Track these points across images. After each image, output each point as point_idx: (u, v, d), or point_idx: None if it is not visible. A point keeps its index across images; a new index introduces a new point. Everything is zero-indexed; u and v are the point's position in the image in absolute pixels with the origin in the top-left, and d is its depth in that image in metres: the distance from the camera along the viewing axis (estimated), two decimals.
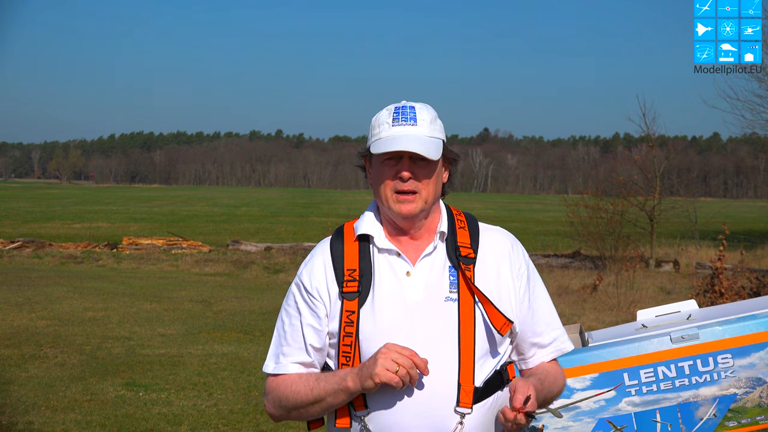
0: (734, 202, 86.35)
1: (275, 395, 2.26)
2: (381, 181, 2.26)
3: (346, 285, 2.23)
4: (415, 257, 2.27)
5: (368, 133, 2.31)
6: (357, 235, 2.29)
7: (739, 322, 3.17)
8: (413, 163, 2.22)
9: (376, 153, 2.23)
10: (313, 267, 2.30)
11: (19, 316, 11.63)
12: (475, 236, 2.31)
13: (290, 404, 2.23)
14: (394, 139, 2.21)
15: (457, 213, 2.36)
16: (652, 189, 21.32)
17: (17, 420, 6.68)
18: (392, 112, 2.26)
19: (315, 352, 2.26)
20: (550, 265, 19.50)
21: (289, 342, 2.28)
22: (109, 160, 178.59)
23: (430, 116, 2.27)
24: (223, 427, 6.70)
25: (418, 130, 2.23)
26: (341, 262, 2.26)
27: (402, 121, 2.24)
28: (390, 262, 2.26)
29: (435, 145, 2.23)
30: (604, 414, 3.22)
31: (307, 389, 2.19)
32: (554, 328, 2.37)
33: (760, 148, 55.33)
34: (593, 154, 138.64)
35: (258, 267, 19.16)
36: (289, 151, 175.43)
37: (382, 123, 2.26)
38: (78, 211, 44.55)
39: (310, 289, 2.27)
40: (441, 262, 2.26)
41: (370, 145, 2.28)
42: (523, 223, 41.74)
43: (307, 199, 75.52)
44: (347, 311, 2.21)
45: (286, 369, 2.26)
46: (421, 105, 2.29)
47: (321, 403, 2.18)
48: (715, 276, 10.98)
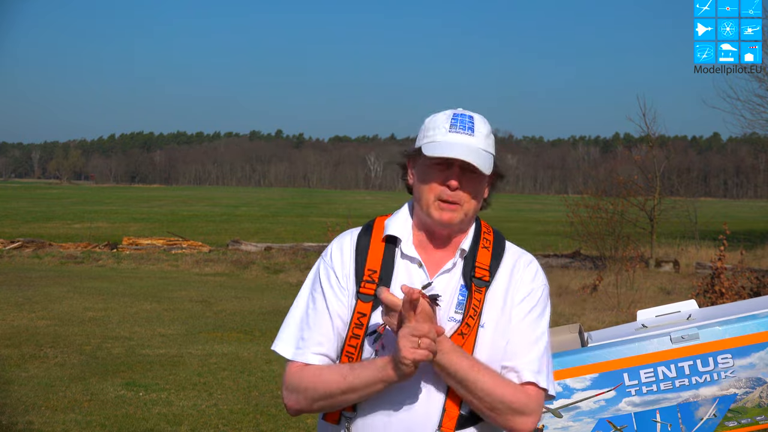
0: (734, 202, 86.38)
1: (298, 385, 2.16)
2: (426, 184, 2.19)
3: (363, 285, 2.17)
4: (434, 271, 2.21)
5: (419, 133, 2.24)
6: (385, 234, 2.24)
7: (739, 322, 3.17)
8: (463, 174, 2.17)
9: (429, 155, 2.16)
10: (343, 255, 2.23)
11: (19, 316, 11.63)
12: (498, 258, 2.24)
13: (318, 395, 2.13)
14: (449, 145, 2.15)
15: (485, 231, 2.28)
16: (652, 189, 21.32)
17: (17, 420, 6.68)
18: (450, 118, 2.20)
19: (337, 343, 2.18)
20: (550, 265, 19.48)
21: (311, 326, 2.20)
22: (109, 160, 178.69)
23: (486, 129, 2.22)
24: (223, 427, 6.69)
25: (475, 141, 2.18)
26: (364, 260, 2.21)
27: (460, 128, 2.18)
28: (410, 271, 2.20)
29: (488, 159, 2.18)
30: (604, 414, 3.22)
31: (339, 377, 2.10)
32: (526, 355, 2.18)
33: (760, 148, 55.28)
34: (593, 154, 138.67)
35: (258, 267, 19.15)
36: (289, 151, 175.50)
37: (438, 126, 2.20)
38: (78, 211, 44.54)
39: (340, 276, 2.21)
40: (456, 280, 2.21)
41: (421, 145, 2.20)
42: (523, 223, 41.74)
43: (307, 199, 75.54)
44: (359, 312, 2.16)
45: (307, 358, 2.17)
46: (479, 117, 2.23)
47: (353, 393, 2.09)
48: (715, 276, 10.98)
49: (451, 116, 2.21)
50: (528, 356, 2.18)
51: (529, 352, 2.18)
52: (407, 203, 2.31)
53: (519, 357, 2.17)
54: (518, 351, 2.18)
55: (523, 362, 2.17)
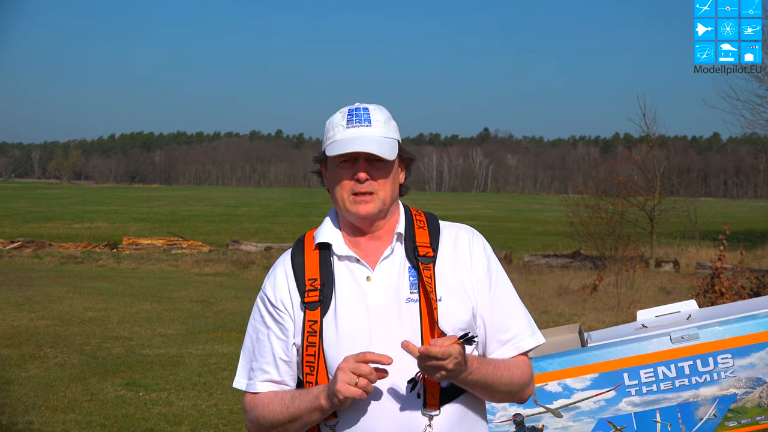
0: (734, 202, 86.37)
1: (252, 414, 2.25)
2: (337, 183, 2.25)
3: (307, 295, 2.22)
4: (374, 261, 2.25)
5: (323, 136, 2.30)
6: (316, 243, 2.28)
7: (739, 322, 3.17)
8: (369, 165, 2.22)
9: (331, 155, 2.22)
10: (276, 279, 2.29)
11: (19, 316, 11.63)
12: (435, 235, 2.29)
13: (267, 423, 2.22)
14: (349, 140, 2.21)
15: (416, 213, 2.34)
16: (652, 189, 21.33)
17: (17, 420, 6.68)
18: (346, 115, 2.25)
19: (285, 366, 2.25)
20: (550, 265, 19.50)
21: (257, 357, 2.28)
22: (109, 160, 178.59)
23: (384, 117, 2.26)
24: (223, 427, 6.70)
25: (373, 131, 2.23)
26: (302, 272, 2.25)
27: (356, 122, 2.23)
28: (350, 269, 2.24)
29: (390, 145, 2.23)
30: (604, 414, 3.22)
31: (282, 408, 2.19)
32: (515, 324, 2.27)
33: (760, 148, 55.23)
34: (593, 154, 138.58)
35: (258, 267, 19.15)
36: (289, 151, 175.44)
37: (336, 125, 2.25)
38: (78, 211, 44.53)
39: (274, 301, 2.27)
40: (400, 263, 2.25)
41: (325, 148, 2.27)
42: (523, 223, 41.74)
43: (307, 199, 75.49)
44: (309, 321, 2.20)
45: (256, 387, 2.26)
46: (374, 106, 2.28)
47: (297, 422, 2.18)
48: (715, 276, 10.98)
49: (347, 112, 2.26)
50: (519, 324, 2.28)
51: (518, 321, 2.28)
52: (331, 210, 2.35)
53: (512, 328, 2.27)
54: (507, 323, 2.27)
55: (517, 331, 2.27)
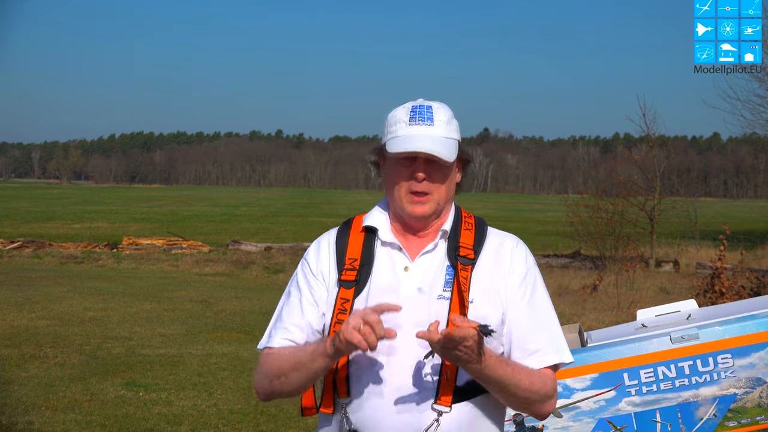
0: (734, 202, 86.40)
1: (262, 368, 2.25)
2: (395, 180, 2.24)
3: (345, 273, 2.23)
4: (415, 253, 2.26)
5: (383, 130, 2.28)
6: (363, 226, 2.30)
7: (739, 322, 3.17)
8: (428, 164, 2.20)
9: (391, 152, 2.20)
10: (320, 250, 2.32)
11: (19, 316, 11.63)
12: (480, 239, 2.28)
13: (273, 373, 2.20)
14: (410, 138, 2.19)
15: (466, 215, 2.33)
16: (652, 189, 21.31)
17: (17, 420, 6.68)
18: (409, 111, 2.23)
19: (309, 330, 2.24)
20: (550, 265, 19.49)
21: (283, 318, 2.30)
22: (109, 160, 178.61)
23: (446, 116, 2.25)
24: (223, 427, 6.69)
25: (435, 131, 2.21)
26: (344, 250, 2.27)
27: (419, 120, 2.21)
28: (391, 256, 2.26)
29: (450, 146, 2.22)
30: (604, 414, 3.22)
31: (290, 354, 2.18)
32: (543, 337, 2.23)
33: (760, 148, 55.30)
34: (593, 154, 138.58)
35: (258, 267, 19.15)
36: (289, 151, 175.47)
37: (398, 121, 2.23)
38: (78, 211, 44.51)
39: (315, 270, 2.29)
40: (440, 260, 2.25)
41: (385, 142, 2.25)
42: (523, 223, 41.72)
43: (307, 199, 75.51)
44: (342, 299, 2.21)
45: (273, 342, 2.25)
46: (438, 104, 2.26)
47: (301, 370, 2.15)
48: (715, 276, 10.97)
49: (410, 109, 2.24)
50: (546, 338, 2.23)
51: (547, 335, 2.23)
52: (383, 199, 2.36)
53: (538, 341, 2.21)
54: (535, 335, 2.22)
55: (543, 344, 2.21)
